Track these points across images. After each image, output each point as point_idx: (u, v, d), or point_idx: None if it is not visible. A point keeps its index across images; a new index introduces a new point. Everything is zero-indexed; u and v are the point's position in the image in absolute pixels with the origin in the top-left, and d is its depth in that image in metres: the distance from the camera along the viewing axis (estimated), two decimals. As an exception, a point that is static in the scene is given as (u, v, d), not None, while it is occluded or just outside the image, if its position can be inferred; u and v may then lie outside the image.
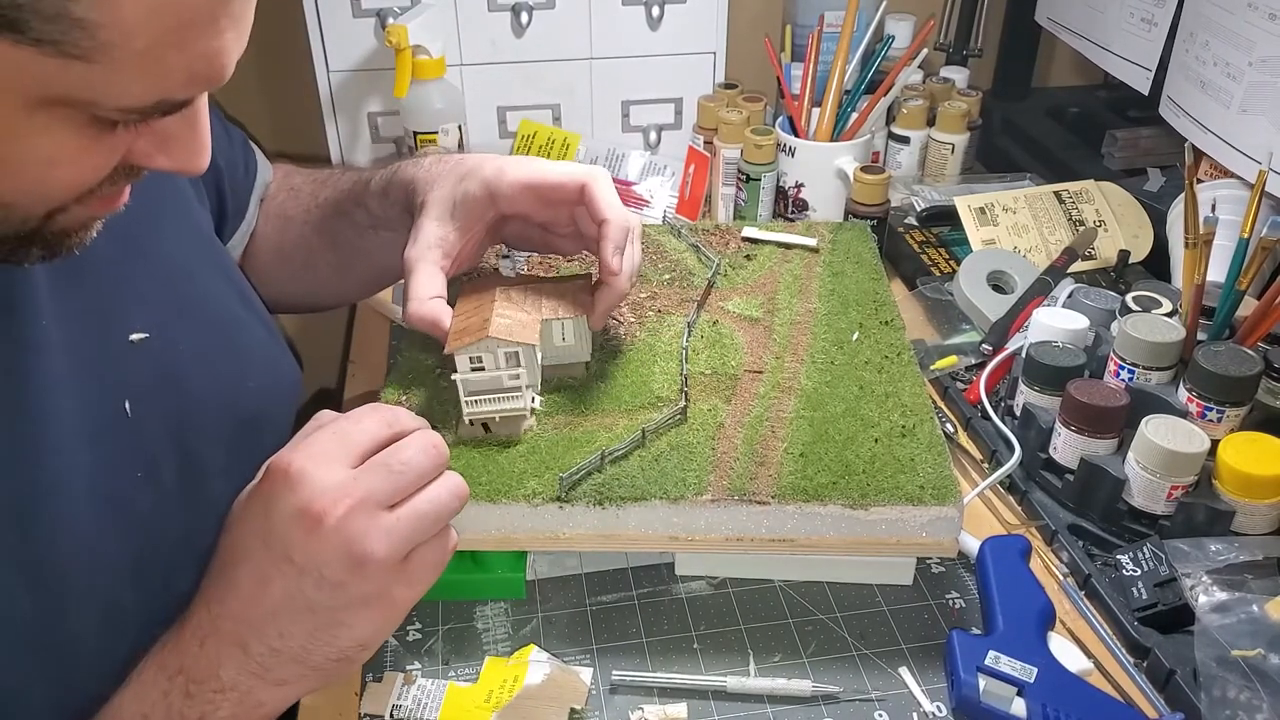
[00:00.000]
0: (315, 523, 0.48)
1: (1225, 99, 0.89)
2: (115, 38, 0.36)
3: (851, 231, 0.90)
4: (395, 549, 0.50)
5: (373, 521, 0.49)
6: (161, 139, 0.44)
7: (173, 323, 0.59)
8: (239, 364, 0.64)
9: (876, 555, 0.63)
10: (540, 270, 0.83)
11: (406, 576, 0.51)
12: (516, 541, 0.62)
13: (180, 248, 0.63)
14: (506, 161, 0.68)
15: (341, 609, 0.50)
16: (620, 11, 1.10)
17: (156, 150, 0.44)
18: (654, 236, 0.88)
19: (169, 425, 0.56)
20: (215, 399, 0.60)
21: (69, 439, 0.50)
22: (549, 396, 0.69)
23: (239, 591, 0.50)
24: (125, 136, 0.43)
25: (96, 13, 0.35)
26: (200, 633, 0.50)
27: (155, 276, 0.59)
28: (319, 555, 0.49)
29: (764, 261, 0.86)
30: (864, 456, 0.63)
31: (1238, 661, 0.56)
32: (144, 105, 0.40)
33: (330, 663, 0.51)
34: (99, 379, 0.53)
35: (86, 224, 0.47)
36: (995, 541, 0.66)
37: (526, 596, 0.66)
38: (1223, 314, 0.74)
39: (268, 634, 0.50)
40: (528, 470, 0.63)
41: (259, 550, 0.50)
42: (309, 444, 0.52)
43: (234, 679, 0.50)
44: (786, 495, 0.61)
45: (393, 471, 0.51)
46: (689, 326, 0.75)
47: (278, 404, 0.67)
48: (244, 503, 0.54)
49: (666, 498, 0.61)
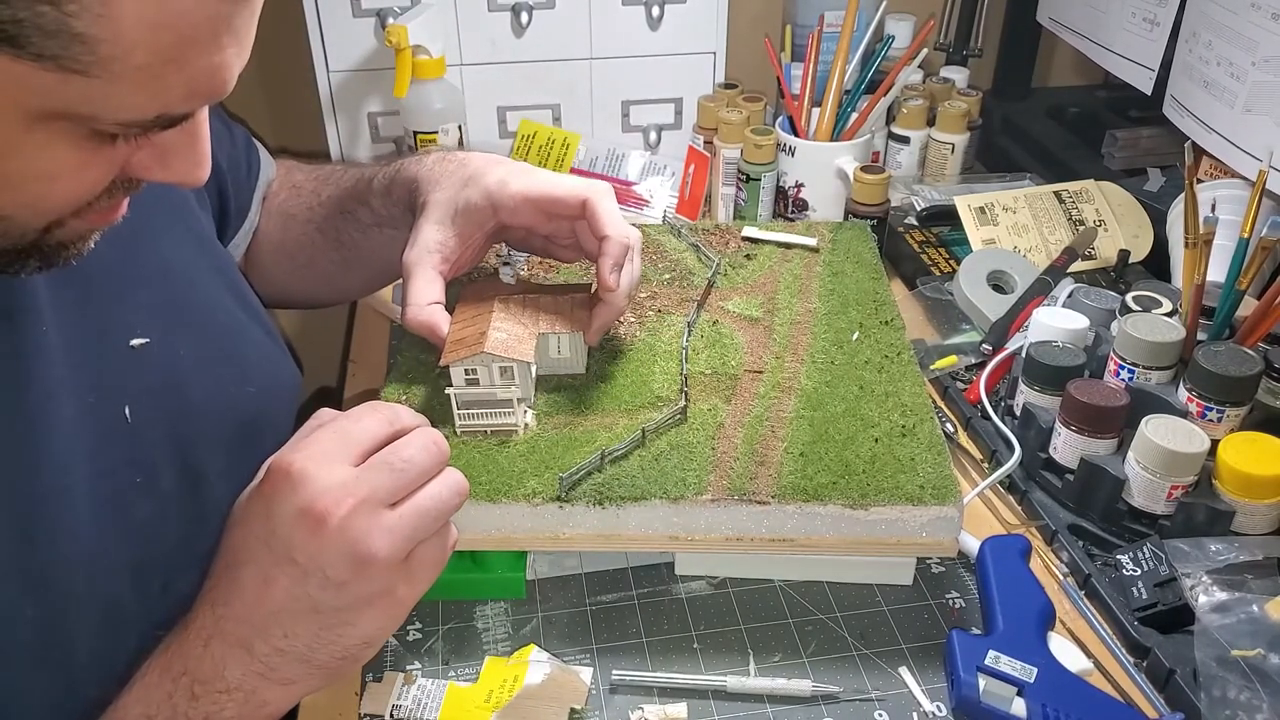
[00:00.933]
0: (318, 523, 0.48)
1: (1229, 99, 0.89)
2: (115, 52, 0.36)
3: (851, 231, 0.90)
4: (398, 547, 0.50)
5: (375, 520, 0.49)
6: (161, 152, 0.44)
7: (172, 328, 0.59)
8: (238, 368, 0.64)
9: (876, 555, 0.63)
10: (540, 270, 0.83)
11: (409, 574, 0.51)
12: (516, 541, 0.62)
13: (179, 252, 0.63)
14: (510, 171, 0.68)
15: (345, 608, 0.50)
16: (620, 11, 1.10)
17: (156, 163, 0.44)
18: (654, 236, 0.88)
19: (169, 430, 0.56)
20: (215, 403, 0.60)
21: (69, 445, 0.50)
22: (549, 396, 0.69)
23: (243, 592, 0.50)
24: (124, 149, 0.42)
25: (97, 28, 0.35)
26: (204, 634, 0.50)
27: (154, 282, 0.59)
28: (322, 555, 0.49)
29: (764, 261, 0.86)
30: (864, 456, 0.63)
31: (1238, 661, 0.56)
32: (144, 119, 0.40)
33: (335, 661, 0.51)
34: (99, 385, 0.53)
35: (84, 236, 0.47)
36: (995, 541, 0.66)
37: (526, 596, 0.66)
38: (1223, 314, 0.74)
39: (272, 634, 0.50)
40: (528, 470, 0.63)
41: (262, 551, 0.50)
42: (309, 443, 0.52)
43: (239, 679, 0.49)
44: (786, 495, 0.61)
45: (394, 469, 0.50)
46: (689, 326, 0.75)
47: (278, 407, 0.67)
48: (245, 503, 0.54)
49: (666, 497, 0.61)
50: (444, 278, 0.67)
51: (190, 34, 0.38)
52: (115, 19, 0.35)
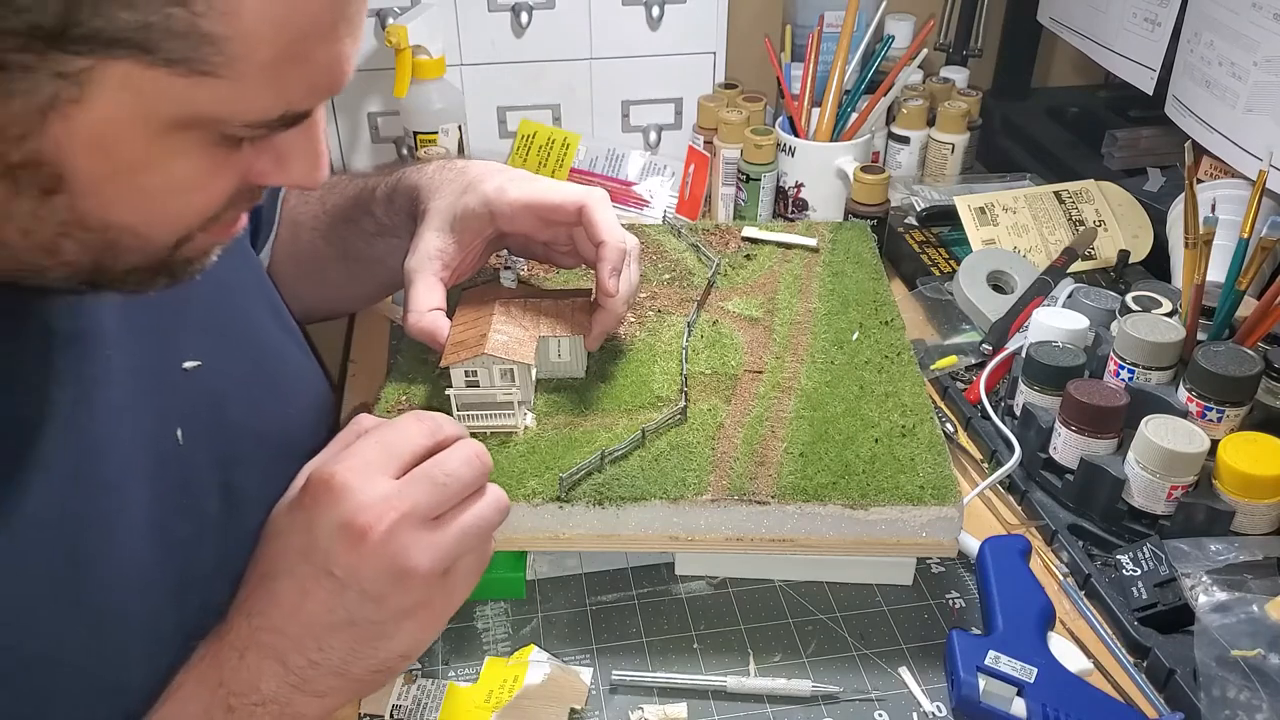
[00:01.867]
0: (359, 537, 0.48)
1: (1230, 99, 0.89)
2: (242, 51, 0.36)
3: (851, 231, 0.90)
4: (439, 564, 0.49)
5: (417, 536, 0.49)
6: (280, 155, 0.44)
7: (220, 348, 0.59)
8: (278, 388, 0.64)
9: (877, 555, 0.63)
10: (540, 272, 0.83)
11: (447, 588, 0.51)
12: (516, 541, 0.62)
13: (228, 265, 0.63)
14: (508, 179, 0.68)
15: (383, 622, 0.49)
16: (620, 11, 1.10)
17: (275, 167, 0.45)
18: (654, 236, 0.88)
19: (214, 453, 0.56)
20: (256, 424, 0.60)
21: (126, 469, 0.50)
22: (549, 396, 0.69)
23: (279, 604, 0.50)
24: (248, 155, 0.43)
25: (223, 26, 0.36)
26: (240, 645, 0.49)
27: (205, 299, 0.59)
28: (361, 570, 0.48)
29: (764, 261, 0.86)
30: (864, 456, 0.63)
31: (1238, 661, 0.56)
32: (270, 119, 0.40)
33: (370, 674, 0.51)
34: (156, 408, 0.53)
35: (208, 251, 0.47)
36: (995, 541, 0.66)
37: (526, 596, 0.66)
38: (1223, 314, 0.74)
39: (307, 647, 0.49)
40: (528, 470, 0.63)
41: (299, 563, 0.50)
42: (350, 454, 0.51)
43: (274, 692, 0.49)
44: (786, 495, 0.61)
45: (437, 484, 0.50)
46: (689, 326, 0.75)
47: (314, 427, 0.67)
48: (283, 514, 0.53)
49: (666, 498, 0.61)
50: (444, 284, 0.67)
51: (309, 27, 0.38)
52: (240, 16, 0.36)
